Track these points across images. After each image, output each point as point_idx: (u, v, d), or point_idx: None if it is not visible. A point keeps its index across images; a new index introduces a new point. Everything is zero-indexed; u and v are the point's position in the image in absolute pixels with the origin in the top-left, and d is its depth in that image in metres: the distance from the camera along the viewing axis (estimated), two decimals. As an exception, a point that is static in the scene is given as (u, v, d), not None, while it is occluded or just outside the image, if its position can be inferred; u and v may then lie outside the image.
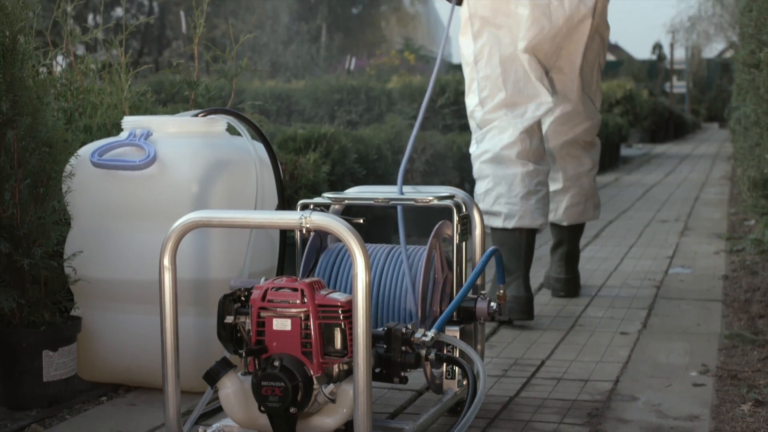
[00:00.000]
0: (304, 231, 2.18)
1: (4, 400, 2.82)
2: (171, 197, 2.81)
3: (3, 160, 2.78)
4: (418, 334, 2.36)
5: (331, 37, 32.82)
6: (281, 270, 2.98)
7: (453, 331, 2.55)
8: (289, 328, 2.20)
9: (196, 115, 3.00)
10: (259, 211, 2.81)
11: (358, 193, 2.81)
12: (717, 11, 40.82)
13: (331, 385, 2.22)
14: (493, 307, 2.64)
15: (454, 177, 6.80)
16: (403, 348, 2.33)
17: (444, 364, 2.66)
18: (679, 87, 36.79)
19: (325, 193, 2.77)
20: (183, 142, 2.90)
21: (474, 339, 2.75)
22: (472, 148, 4.09)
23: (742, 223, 7.08)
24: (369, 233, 2.47)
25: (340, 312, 2.19)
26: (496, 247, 2.69)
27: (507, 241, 3.92)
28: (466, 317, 2.62)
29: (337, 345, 2.20)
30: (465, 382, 2.64)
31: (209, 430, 2.33)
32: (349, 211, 2.80)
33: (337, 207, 2.77)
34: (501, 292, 2.74)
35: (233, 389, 2.27)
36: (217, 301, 2.29)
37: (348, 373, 2.24)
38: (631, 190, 10.05)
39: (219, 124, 3.03)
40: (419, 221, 5.49)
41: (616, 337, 3.73)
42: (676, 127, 24.58)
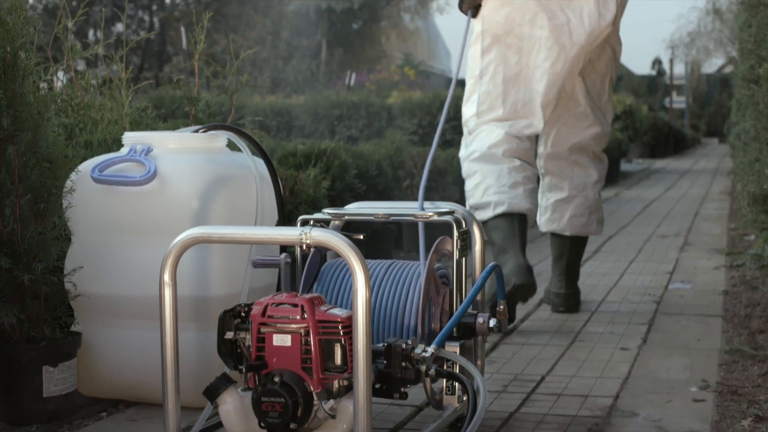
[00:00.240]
0: (305, 247, 2.18)
1: (3, 416, 2.82)
2: (171, 213, 2.81)
3: (3, 175, 2.78)
4: (418, 350, 2.36)
5: (331, 53, 32.86)
6: (281, 285, 2.98)
7: (453, 347, 2.55)
8: (289, 343, 2.20)
9: (197, 131, 3.01)
10: (259, 227, 2.81)
11: (358, 208, 2.82)
12: (716, 27, 40.89)
13: (332, 401, 2.22)
14: (493, 323, 2.64)
15: (454, 192, 6.80)
16: (403, 364, 2.33)
17: (444, 380, 2.66)
18: (679, 102, 36.87)
19: (325, 209, 2.78)
20: (183, 157, 2.91)
21: (474, 354, 2.75)
22: (461, 151, 4.27)
23: (742, 238, 7.08)
24: (369, 249, 2.47)
25: (340, 328, 2.19)
26: (496, 263, 2.69)
27: (499, 225, 3.98)
28: (466, 333, 2.62)
29: (337, 361, 2.20)
30: (465, 398, 2.64)
31: (209, 446, 2.33)
32: (349, 227, 2.80)
33: (337, 223, 2.78)
34: (501, 308, 2.74)
35: (233, 405, 2.27)
36: (217, 316, 2.29)
37: (348, 388, 2.24)
38: (631, 205, 10.06)
39: (219, 139, 3.03)
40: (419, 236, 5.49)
41: (616, 352, 3.73)
42: (676, 142, 24.62)
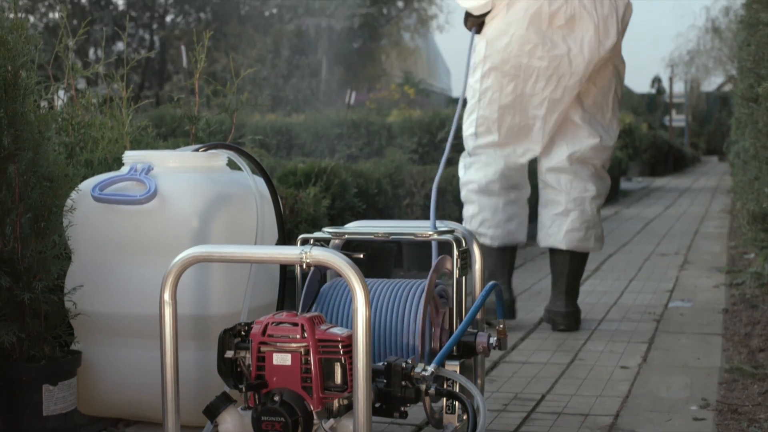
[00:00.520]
0: (305, 266, 2.19)
1: (3, 435, 2.81)
2: (172, 232, 2.82)
3: (4, 194, 2.79)
4: (418, 369, 2.36)
5: (331, 71, 32.92)
6: (281, 305, 2.98)
7: (453, 366, 2.55)
8: (289, 362, 2.21)
9: (197, 150, 3.01)
10: (259, 246, 2.82)
11: (358, 227, 2.82)
12: (715, 45, 40.96)
13: (331, 420, 2.22)
14: (493, 342, 2.64)
15: (454, 211, 6.80)
16: (403, 383, 2.33)
17: (444, 399, 2.65)
18: (679, 120, 36.91)
19: (325, 228, 2.78)
20: (184, 176, 2.91)
21: (474, 373, 2.75)
22: (461, 173, 4.59)
23: (742, 256, 7.08)
24: (369, 268, 2.48)
25: (340, 347, 2.19)
26: (495, 282, 2.69)
27: (492, 254, 4.47)
28: (466, 352, 2.62)
29: (337, 380, 2.20)
30: (465, 417, 2.64)
31: (209, 465, 2.33)
32: (349, 246, 2.80)
33: (337, 242, 2.78)
34: (501, 326, 2.74)
35: (233, 424, 2.27)
36: (218, 335, 2.29)
37: (348, 407, 2.24)
38: (631, 224, 10.06)
39: (220, 158, 3.04)
40: (419, 256, 5.50)
41: (616, 371, 3.72)
42: (676, 161, 24.64)
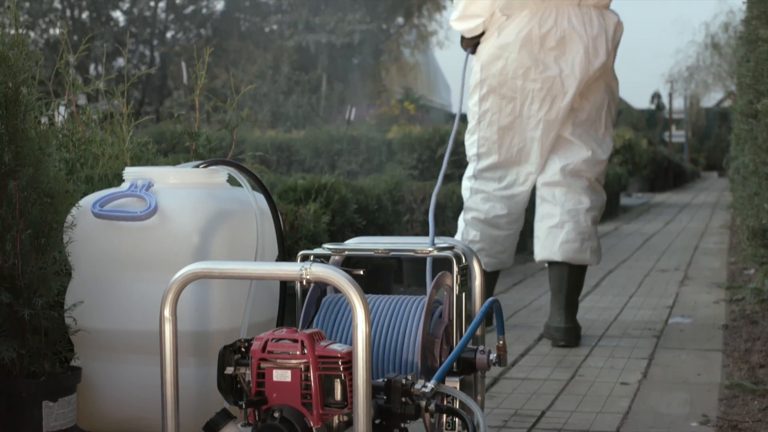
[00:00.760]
0: (305, 282, 2.19)
1: (3, 452, 2.81)
2: (172, 248, 2.82)
3: (4, 210, 2.79)
4: (418, 385, 2.36)
5: (331, 87, 32.97)
6: (281, 321, 2.98)
7: (453, 382, 2.55)
8: (289, 379, 2.20)
9: (197, 166, 3.02)
10: (259, 263, 2.82)
11: (357, 243, 2.82)
12: (715, 61, 41.05)
13: (331, 437, 2.22)
14: (493, 358, 2.64)
15: (453, 227, 6.81)
16: (403, 399, 2.33)
17: (444, 415, 2.65)
18: (678, 136, 36.94)
19: (326, 244, 2.78)
20: (184, 193, 2.92)
21: (474, 390, 2.75)
22: (465, 193, 4.67)
23: (742, 272, 7.08)
24: (369, 284, 2.48)
25: (340, 363, 2.19)
26: (495, 298, 2.70)
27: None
28: (466, 368, 2.62)
29: (337, 396, 2.20)
30: (465, 433, 2.63)
31: (209, 482, 2.32)
32: (348, 262, 2.81)
33: (337, 258, 2.78)
34: (501, 342, 2.74)
35: (233, 440, 2.27)
36: (218, 351, 2.30)
37: (348, 424, 2.24)
38: (631, 240, 10.06)
39: (220, 175, 3.04)
40: (419, 272, 5.50)
41: (616, 387, 3.72)
42: (676, 176, 24.65)
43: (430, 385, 2.39)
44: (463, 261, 2.68)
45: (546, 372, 3.98)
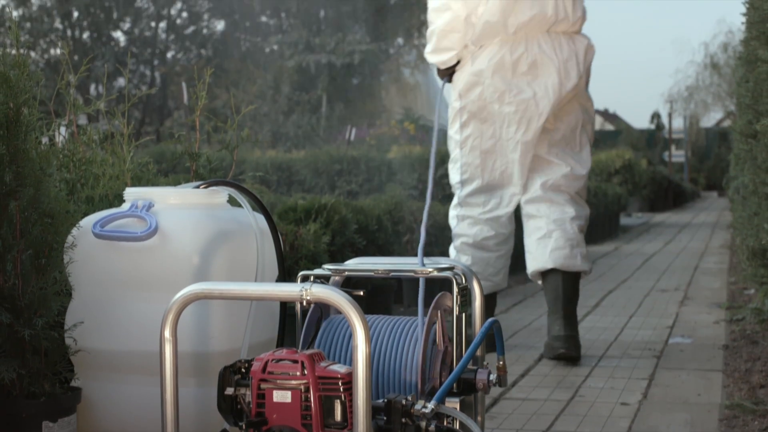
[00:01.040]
0: (305, 303, 2.19)
1: (2, 472, 2.81)
2: (172, 268, 2.82)
3: (5, 230, 2.80)
4: (418, 406, 2.36)
5: (331, 107, 33.02)
6: (281, 341, 2.98)
7: (453, 403, 2.55)
8: (289, 400, 2.20)
9: (198, 187, 3.02)
10: (259, 284, 2.82)
11: (358, 264, 2.83)
12: (714, 81, 41.13)
13: (331, 457, 2.22)
14: (493, 378, 2.64)
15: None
16: (403, 420, 2.33)
17: (444, 436, 2.65)
18: (678, 156, 36.98)
19: (326, 265, 2.79)
20: (184, 213, 2.92)
21: (474, 410, 2.74)
22: (452, 222, 4.80)
23: (742, 292, 7.08)
24: (369, 304, 2.48)
25: (340, 384, 2.19)
26: (495, 318, 2.70)
27: None
28: (467, 388, 2.62)
29: (337, 417, 2.20)
30: (465, 454, 2.63)
31: (209, 503, 2.32)
32: (348, 282, 2.81)
33: (337, 278, 2.78)
34: (501, 363, 2.74)
35: (233, 461, 2.26)
36: (218, 372, 2.30)
37: (348, 445, 2.23)
38: (631, 260, 10.06)
39: (220, 195, 3.05)
40: (418, 292, 5.49)
41: (616, 407, 3.72)
42: (675, 196, 24.66)
43: (430, 405, 2.39)
44: (463, 282, 2.68)
45: (546, 392, 3.98)
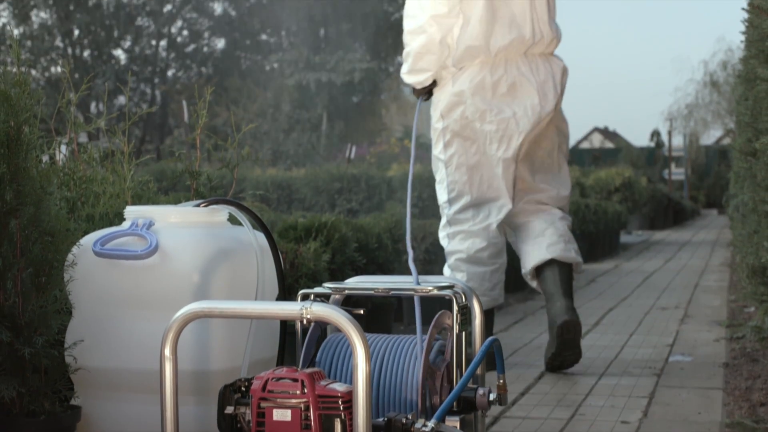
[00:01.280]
0: (305, 321, 2.19)
1: (2, 491, 2.80)
2: (173, 287, 2.82)
3: (6, 249, 2.80)
4: (418, 425, 2.36)
5: (331, 126, 33.07)
6: (281, 360, 2.98)
7: (453, 421, 2.55)
8: (289, 418, 2.20)
9: (198, 205, 3.03)
10: (259, 302, 2.82)
11: (358, 282, 2.83)
12: (714, 99, 41.17)
13: (331, 476, 2.21)
14: (493, 397, 2.64)
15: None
16: (403, 438, 2.33)
17: (444, 455, 2.65)
18: (678, 174, 36.97)
19: (326, 283, 2.79)
20: (185, 231, 2.92)
21: (474, 429, 2.74)
22: (444, 242, 4.87)
23: (742, 310, 7.07)
24: (369, 323, 2.48)
25: (340, 402, 2.19)
26: (495, 337, 2.70)
27: None
28: (467, 407, 2.62)
29: (338, 435, 2.20)
30: (465, 473, 2.63)
31: None
32: (348, 301, 2.81)
33: (337, 297, 2.79)
34: (501, 381, 2.74)
35: (233, 480, 2.26)
36: (218, 391, 2.30)
37: (348, 463, 2.23)
38: (631, 277, 10.06)
39: (220, 213, 3.05)
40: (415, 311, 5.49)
41: (617, 426, 3.71)
42: (675, 214, 24.64)
43: (431, 424, 2.39)
44: (463, 300, 2.68)
45: (546, 411, 3.97)
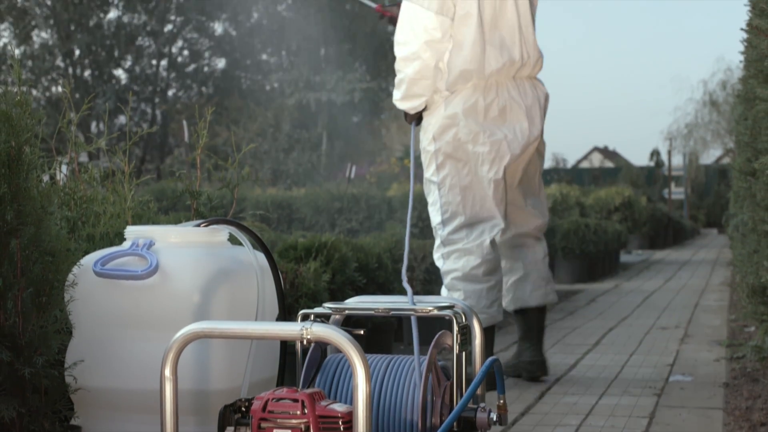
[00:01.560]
0: (305, 342, 2.19)
1: None
2: (173, 307, 2.83)
3: (6, 269, 2.80)
4: (418, 445, 2.36)
5: (331, 145, 33.11)
6: (282, 380, 2.98)
7: (453, 442, 2.55)
8: (289, 438, 2.20)
9: (198, 225, 3.03)
10: (260, 323, 2.82)
11: (358, 303, 2.83)
12: (713, 118, 41.25)
13: (332, 497, 2.21)
14: (494, 417, 2.64)
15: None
16: (403, 459, 2.32)
17: (444, 475, 2.64)
18: (678, 193, 36.98)
19: (326, 303, 2.79)
20: (185, 252, 2.93)
21: (474, 449, 2.74)
22: (439, 263, 4.92)
23: (743, 329, 7.07)
24: (369, 343, 2.48)
25: (340, 423, 2.19)
26: (495, 357, 2.70)
27: None
28: (467, 427, 2.62)
29: (338, 456, 2.20)
30: (466, 493, 2.62)
31: None
32: (349, 321, 2.81)
33: (337, 317, 2.79)
34: (501, 401, 2.74)
35: (233, 501, 2.26)
36: (218, 411, 2.29)
37: (348, 484, 2.23)
38: (631, 297, 10.05)
39: (221, 234, 3.06)
40: (419, 330, 5.48)
41: (617, 446, 3.71)
42: (675, 233, 24.64)
43: (431, 444, 2.39)
44: (463, 320, 2.69)
45: (547, 431, 3.97)
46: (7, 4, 35.48)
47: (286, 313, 3.10)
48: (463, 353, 2.69)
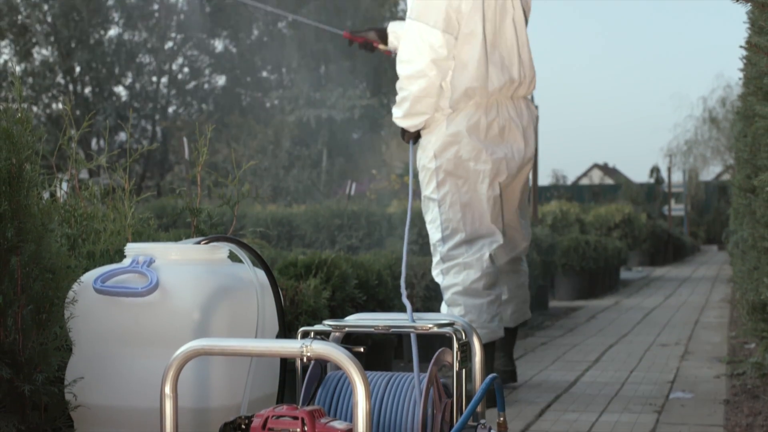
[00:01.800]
0: (305, 359, 2.19)
1: None
2: (173, 324, 2.83)
3: (6, 286, 2.80)
4: (418, 462, 2.36)
5: (331, 162, 33.12)
6: (281, 397, 2.98)
7: (453, 459, 2.54)
8: (289, 456, 2.20)
9: (199, 243, 3.04)
10: (260, 340, 2.82)
11: (358, 320, 2.83)
12: (713, 135, 41.30)
13: None
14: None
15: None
16: (403, 476, 2.32)
17: (445, 492, 2.64)
18: (678, 210, 37.03)
19: (326, 321, 2.79)
20: (185, 269, 2.93)
21: (475, 466, 2.73)
22: (438, 279, 4.98)
23: (743, 346, 7.07)
24: (369, 360, 2.48)
25: (340, 440, 2.19)
26: (495, 375, 2.70)
27: None
28: (467, 445, 2.61)
29: (338, 473, 2.20)
30: None
31: None
32: (349, 338, 2.81)
33: (337, 334, 2.79)
34: (501, 419, 2.74)
35: None
36: (218, 428, 2.29)
37: (348, 501, 2.23)
38: (631, 314, 10.05)
39: (221, 251, 3.06)
40: (420, 348, 5.48)
41: (617, 463, 3.70)
42: (675, 250, 24.67)
43: (431, 462, 2.38)
44: (463, 337, 2.69)
45: (547, 448, 3.96)
46: (7, 21, 35.54)
47: (286, 330, 3.10)
48: (463, 370, 2.68)
